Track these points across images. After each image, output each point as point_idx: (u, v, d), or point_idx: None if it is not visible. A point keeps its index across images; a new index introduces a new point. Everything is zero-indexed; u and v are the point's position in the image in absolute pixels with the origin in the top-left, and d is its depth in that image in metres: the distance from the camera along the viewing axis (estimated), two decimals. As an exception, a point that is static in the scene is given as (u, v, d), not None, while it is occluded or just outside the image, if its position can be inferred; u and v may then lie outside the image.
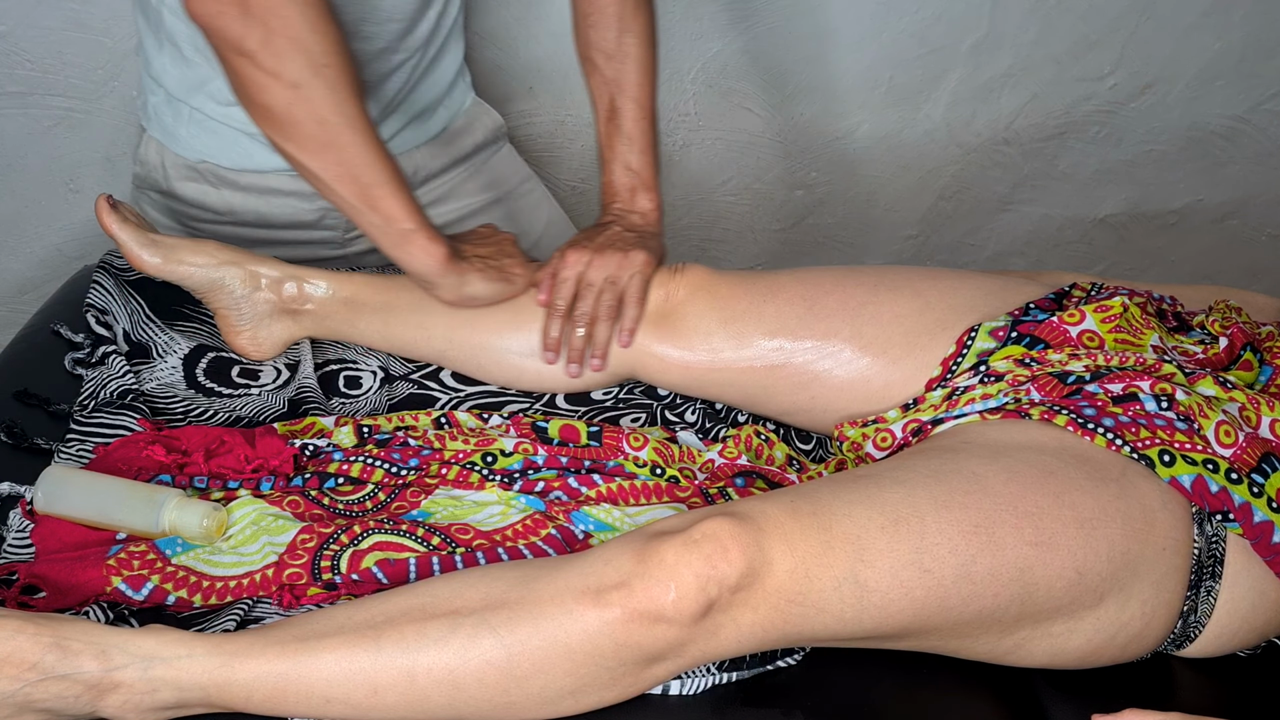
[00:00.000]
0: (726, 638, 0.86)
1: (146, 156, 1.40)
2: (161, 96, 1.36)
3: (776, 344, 1.15)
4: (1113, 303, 1.10)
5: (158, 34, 1.31)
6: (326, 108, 1.06)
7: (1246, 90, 1.90)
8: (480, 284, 1.18)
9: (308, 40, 1.03)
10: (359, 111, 1.08)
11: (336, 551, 0.98)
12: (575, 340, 1.20)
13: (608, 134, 1.31)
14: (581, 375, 1.21)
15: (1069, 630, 0.92)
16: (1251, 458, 0.96)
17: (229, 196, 1.39)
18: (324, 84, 1.05)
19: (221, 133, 1.35)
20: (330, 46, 1.04)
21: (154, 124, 1.38)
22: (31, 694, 0.82)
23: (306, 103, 1.06)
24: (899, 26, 1.75)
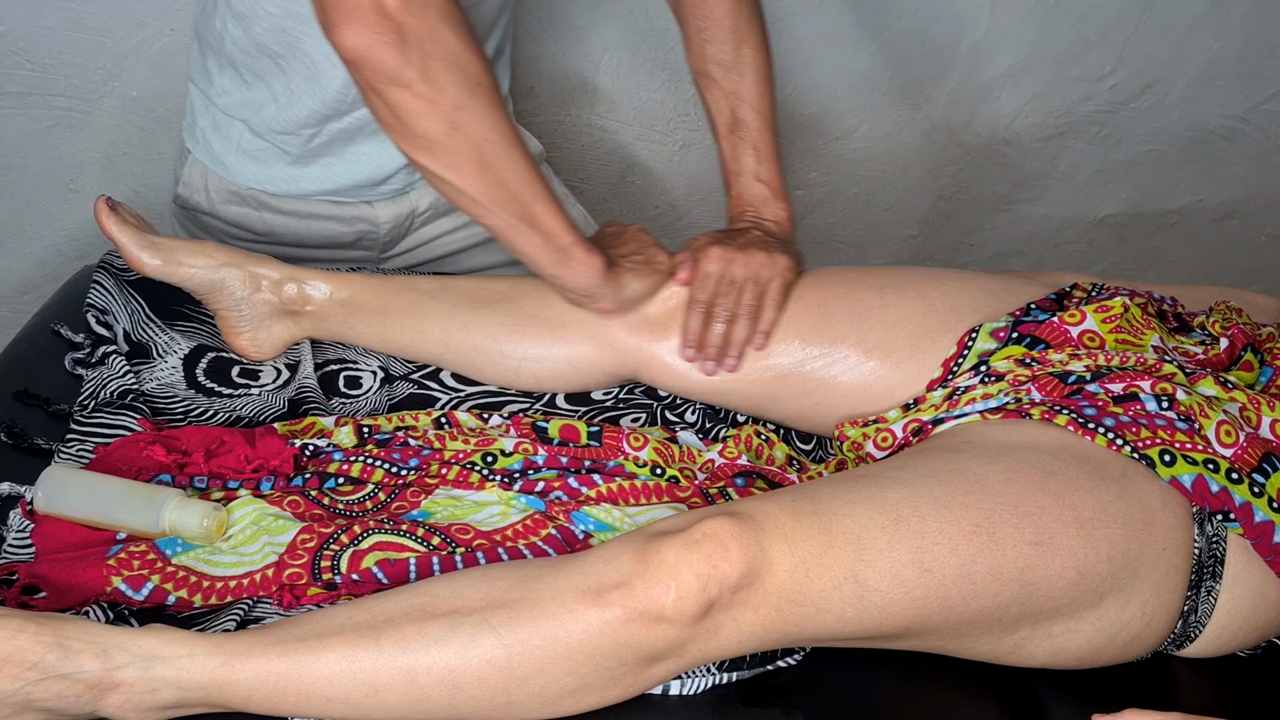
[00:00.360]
0: (727, 637, 0.86)
1: (190, 179, 1.41)
2: (210, 120, 1.37)
3: (789, 353, 1.16)
4: (1113, 303, 1.10)
5: (219, 56, 1.31)
6: (486, 127, 1.03)
7: (1246, 90, 1.90)
8: (635, 283, 1.17)
9: (463, 59, 0.99)
10: (511, 127, 1.05)
11: (336, 551, 0.98)
12: (713, 337, 1.17)
13: (732, 146, 1.29)
14: (716, 374, 1.18)
15: (1069, 630, 0.92)
16: (1252, 458, 0.96)
17: (270, 219, 1.40)
18: (481, 103, 1.01)
19: (269, 159, 1.36)
20: (482, 63, 1.01)
21: (201, 149, 1.39)
22: (32, 693, 0.82)
23: (467, 125, 1.02)
24: (899, 26, 1.75)
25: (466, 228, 1.49)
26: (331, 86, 1.30)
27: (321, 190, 1.39)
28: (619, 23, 1.65)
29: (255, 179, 1.38)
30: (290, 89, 1.31)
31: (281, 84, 1.31)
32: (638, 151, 1.83)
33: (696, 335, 1.18)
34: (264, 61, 1.29)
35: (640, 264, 1.18)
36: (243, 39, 1.28)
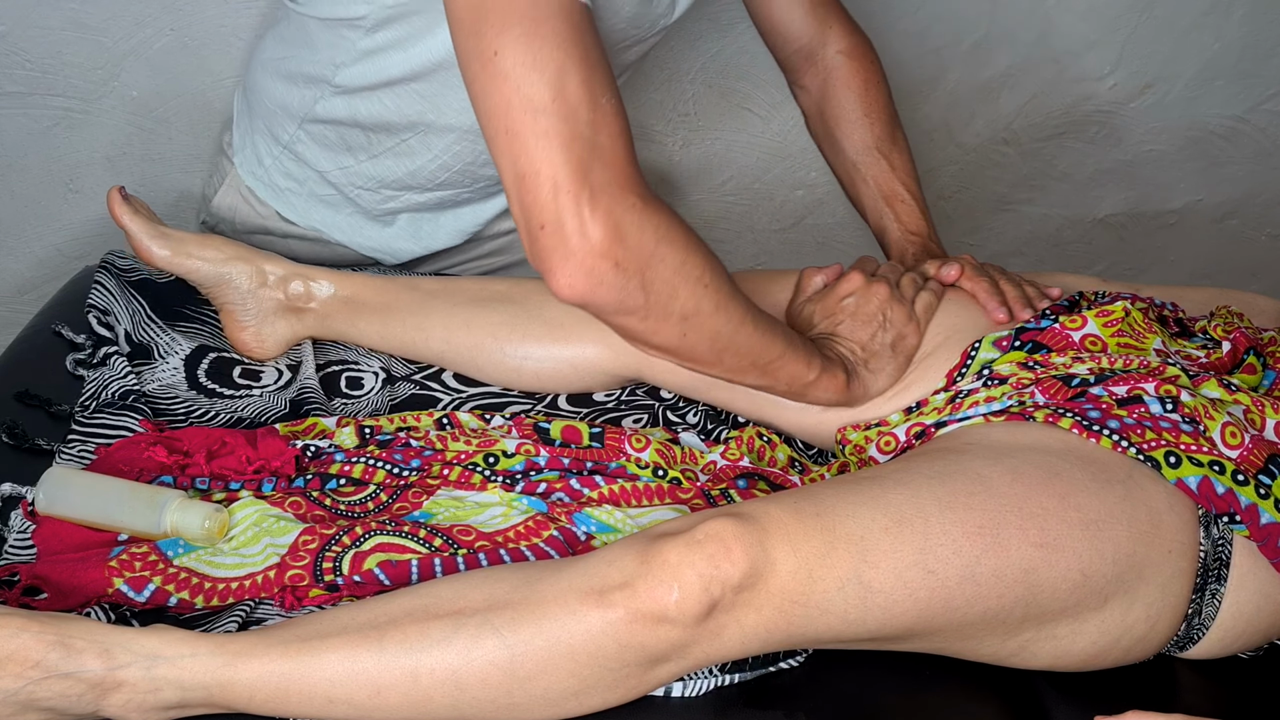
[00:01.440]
0: (730, 639, 0.86)
1: (220, 208, 1.42)
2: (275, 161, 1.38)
3: None
4: (1114, 307, 1.10)
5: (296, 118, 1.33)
6: (716, 323, 0.98)
7: (1246, 90, 1.90)
8: (880, 381, 1.12)
9: (685, 268, 0.94)
10: (738, 302, 0.99)
11: (338, 553, 0.98)
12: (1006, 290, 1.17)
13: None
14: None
15: (1073, 632, 0.92)
16: (1258, 459, 0.95)
17: (293, 245, 1.42)
18: (709, 301, 0.96)
19: (340, 205, 1.39)
20: (700, 256, 0.95)
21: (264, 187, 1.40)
22: (34, 692, 0.82)
23: (698, 330, 0.97)
24: (899, 26, 1.75)
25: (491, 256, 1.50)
26: (424, 166, 1.32)
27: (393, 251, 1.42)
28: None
29: (324, 223, 1.39)
30: (373, 155, 1.33)
31: (366, 153, 1.33)
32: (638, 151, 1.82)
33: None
34: (355, 134, 1.31)
35: (879, 354, 1.12)
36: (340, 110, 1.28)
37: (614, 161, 0.90)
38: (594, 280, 0.89)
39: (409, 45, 1.18)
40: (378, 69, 1.22)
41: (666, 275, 0.92)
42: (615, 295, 0.91)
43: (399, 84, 1.23)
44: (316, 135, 1.33)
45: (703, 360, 1.00)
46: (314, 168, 1.36)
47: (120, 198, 1.18)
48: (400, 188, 1.36)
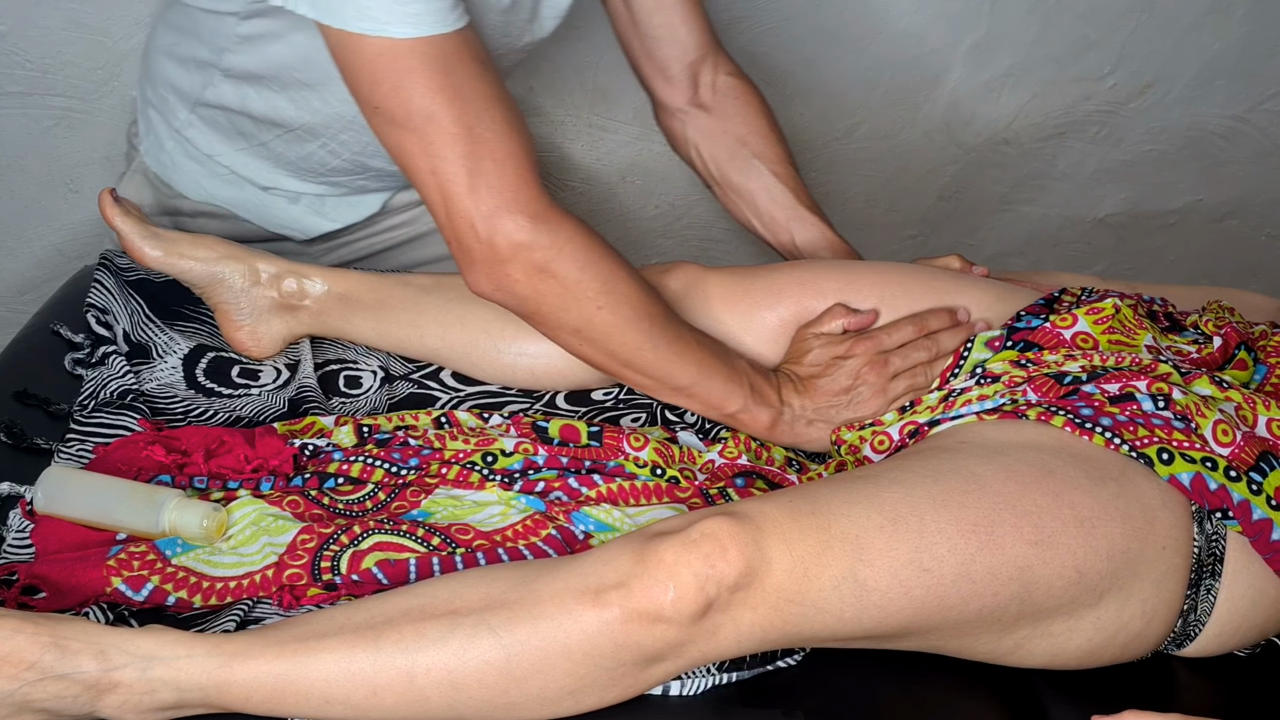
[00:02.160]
0: (726, 638, 0.86)
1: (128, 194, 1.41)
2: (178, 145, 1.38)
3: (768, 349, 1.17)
4: (1104, 305, 1.10)
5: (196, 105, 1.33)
6: (612, 344, 1.06)
7: (1246, 90, 1.90)
8: (814, 435, 1.14)
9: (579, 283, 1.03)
10: (641, 327, 1.06)
11: (336, 552, 0.98)
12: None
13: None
14: None
15: (1069, 630, 0.92)
16: (1249, 456, 0.96)
17: (204, 224, 1.41)
18: (601, 321, 1.05)
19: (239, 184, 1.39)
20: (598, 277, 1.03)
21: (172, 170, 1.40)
22: (30, 694, 0.82)
23: (593, 344, 1.07)
24: (899, 26, 1.75)
25: (399, 228, 1.50)
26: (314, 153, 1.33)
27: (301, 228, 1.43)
28: (619, 23, 1.65)
29: (230, 202, 1.40)
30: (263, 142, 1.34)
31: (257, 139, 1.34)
32: (638, 151, 1.83)
33: None
34: (245, 121, 1.32)
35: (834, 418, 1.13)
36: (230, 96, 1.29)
37: (500, 185, 1.00)
38: (494, 286, 1.04)
39: (288, 35, 1.18)
40: (261, 56, 1.22)
41: (557, 291, 1.03)
42: (514, 302, 1.04)
43: (283, 70, 1.23)
44: (209, 119, 1.33)
45: (608, 370, 1.10)
46: (206, 152, 1.36)
47: (111, 199, 1.18)
48: (294, 173, 1.36)
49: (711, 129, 1.37)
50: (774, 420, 1.12)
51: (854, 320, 1.15)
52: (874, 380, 1.13)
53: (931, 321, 1.14)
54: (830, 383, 1.13)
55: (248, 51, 1.23)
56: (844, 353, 1.13)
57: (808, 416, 1.13)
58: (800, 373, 1.14)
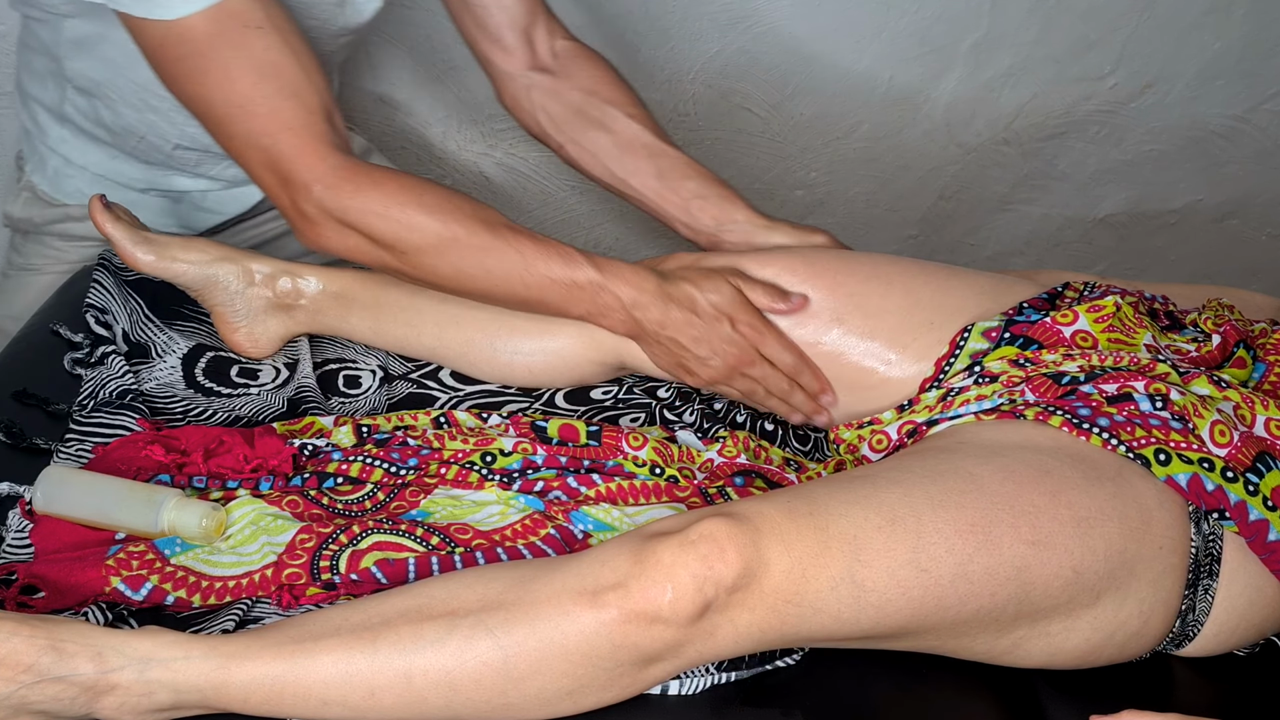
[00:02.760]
0: (724, 638, 0.86)
1: (14, 214, 1.43)
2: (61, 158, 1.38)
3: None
4: (1105, 302, 1.10)
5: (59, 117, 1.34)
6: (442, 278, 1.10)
7: (1246, 90, 1.90)
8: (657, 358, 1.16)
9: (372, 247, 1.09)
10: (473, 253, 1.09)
11: (335, 551, 0.98)
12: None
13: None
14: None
15: (1066, 629, 0.92)
16: (1246, 457, 0.96)
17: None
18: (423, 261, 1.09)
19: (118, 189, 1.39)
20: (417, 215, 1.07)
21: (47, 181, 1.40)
22: (27, 696, 0.82)
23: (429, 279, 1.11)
24: (899, 26, 1.75)
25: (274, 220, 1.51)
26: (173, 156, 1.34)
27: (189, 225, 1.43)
28: (619, 23, 1.65)
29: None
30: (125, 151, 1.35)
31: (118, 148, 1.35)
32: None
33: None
34: (101, 130, 1.33)
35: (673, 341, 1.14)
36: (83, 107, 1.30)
37: (294, 155, 1.06)
38: (317, 247, 1.11)
39: (109, 32, 1.18)
40: (96, 58, 1.23)
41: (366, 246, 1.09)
42: (345, 256, 1.11)
43: (119, 72, 1.24)
44: (76, 131, 1.34)
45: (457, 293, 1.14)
46: (80, 163, 1.36)
47: (101, 205, 1.19)
48: (169, 171, 1.37)
49: (556, 88, 1.36)
50: (623, 324, 1.13)
51: (774, 306, 1.14)
52: (729, 364, 1.13)
53: (806, 379, 1.14)
54: (703, 328, 1.13)
55: (83, 57, 1.24)
56: (741, 322, 1.13)
57: (660, 335, 1.13)
58: (693, 298, 1.13)
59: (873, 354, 1.12)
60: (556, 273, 1.10)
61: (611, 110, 1.33)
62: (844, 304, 1.13)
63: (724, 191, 1.29)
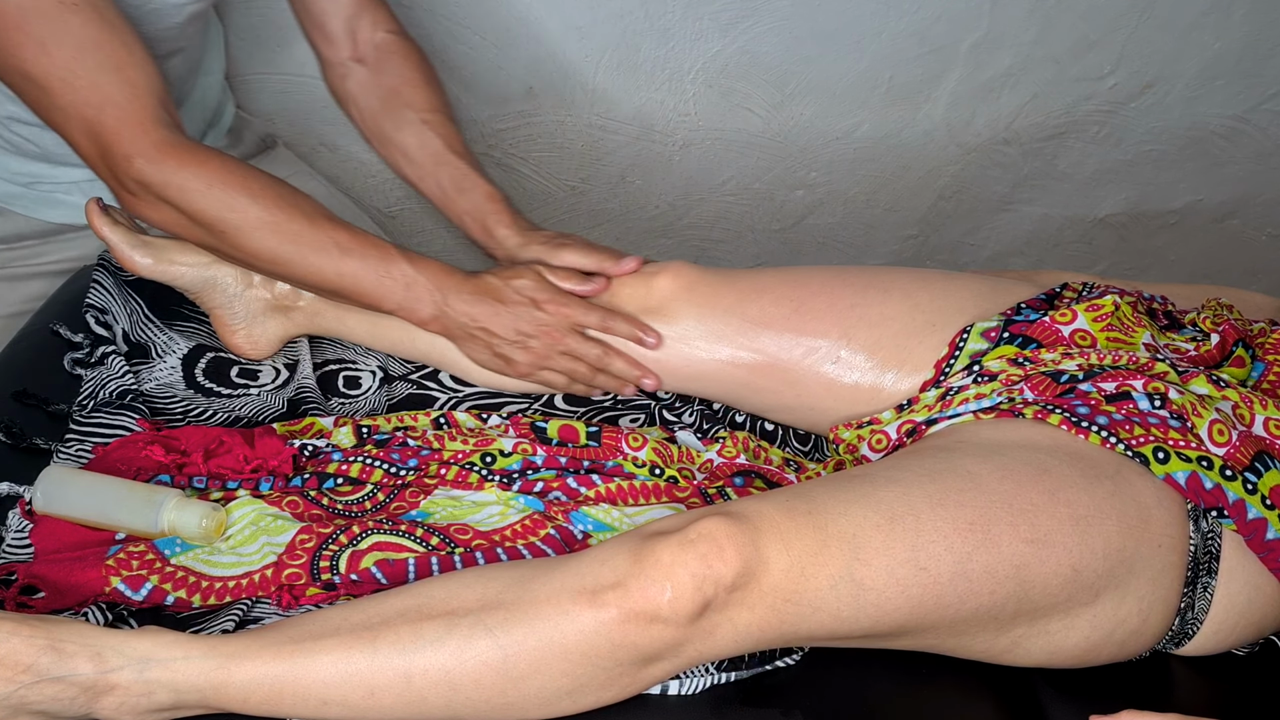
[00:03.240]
0: (723, 637, 0.86)
1: None
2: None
3: (758, 344, 1.15)
4: (1104, 301, 1.10)
5: None
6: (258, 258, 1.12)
7: (1246, 90, 1.90)
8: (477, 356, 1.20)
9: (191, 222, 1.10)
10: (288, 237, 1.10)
11: (335, 552, 0.98)
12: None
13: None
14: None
15: (1066, 628, 0.92)
16: (1245, 456, 0.96)
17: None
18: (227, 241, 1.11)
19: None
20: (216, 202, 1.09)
21: None
22: (26, 696, 0.82)
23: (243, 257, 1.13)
24: (899, 26, 1.75)
25: None
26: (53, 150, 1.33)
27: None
28: (619, 23, 1.65)
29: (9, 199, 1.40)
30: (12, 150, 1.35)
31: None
32: (638, 151, 1.82)
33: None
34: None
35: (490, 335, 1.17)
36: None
37: (114, 130, 1.07)
38: (140, 218, 1.13)
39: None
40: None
41: (184, 221, 1.10)
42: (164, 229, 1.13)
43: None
44: None
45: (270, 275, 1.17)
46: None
47: (98, 209, 1.19)
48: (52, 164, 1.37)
49: (367, 82, 1.36)
50: (434, 319, 1.16)
51: (575, 287, 1.19)
52: (545, 344, 1.17)
53: (619, 327, 1.18)
54: (512, 315, 1.16)
55: None
56: (546, 301, 1.16)
57: (471, 328, 1.16)
58: (498, 289, 1.16)
59: (876, 361, 1.12)
60: (369, 265, 1.12)
61: (408, 113, 1.33)
62: (846, 316, 1.13)
63: (494, 207, 1.29)
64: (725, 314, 1.15)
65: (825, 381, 1.14)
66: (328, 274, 1.12)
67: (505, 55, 1.67)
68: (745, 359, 1.15)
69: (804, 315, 1.14)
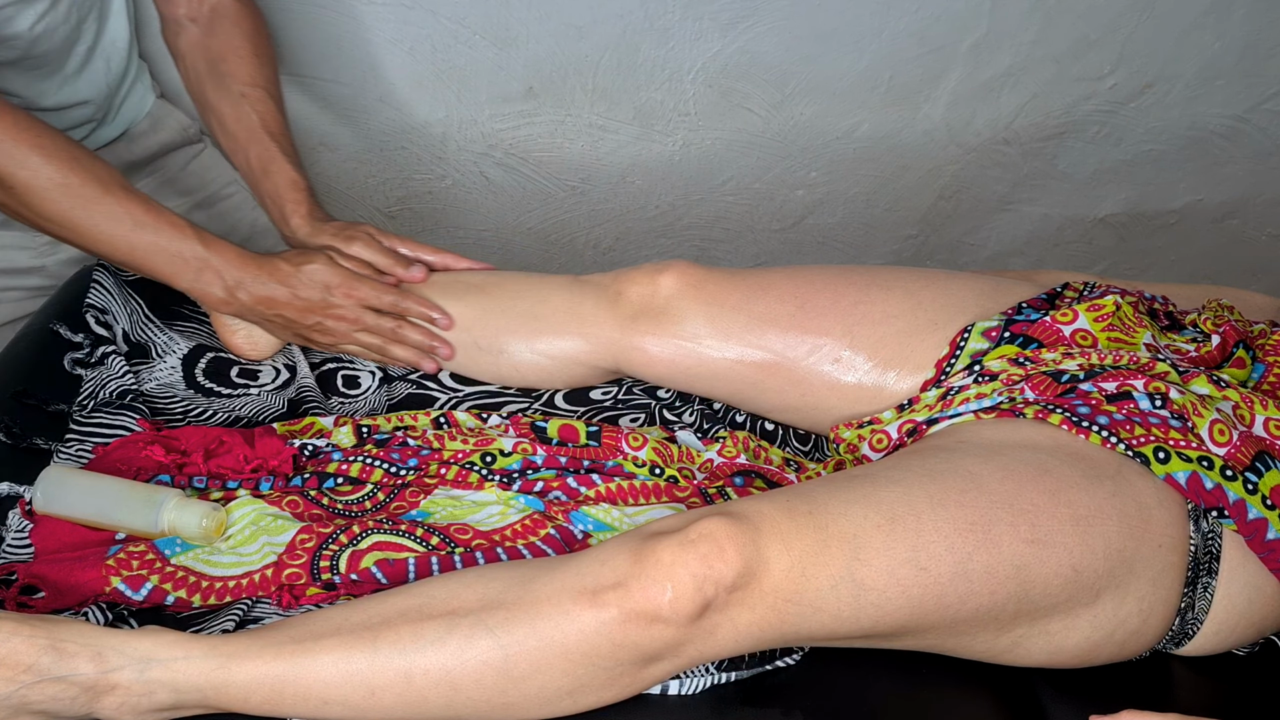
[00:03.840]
0: (724, 637, 0.86)
1: None
2: None
3: (764, 341, 1.14)
4: (1105, 301, 1.10)
5: None
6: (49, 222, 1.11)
7: (1246, 90, 1.90)
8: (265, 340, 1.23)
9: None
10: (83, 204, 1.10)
11: (335, 551, 0.98)
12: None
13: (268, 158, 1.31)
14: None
15: (1066, 628, 0.92)
16: (1246, 456, 0.96)
17: None
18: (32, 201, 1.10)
19: None
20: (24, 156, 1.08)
21: None
22: (27, 696, 0.82)
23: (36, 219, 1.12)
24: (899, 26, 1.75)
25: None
26: None
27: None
28: (619, 23, 1.65)
29: None
30: None
31: None
32: (638, 151, 1.82)
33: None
34: None
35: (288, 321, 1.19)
36: None
37: None
38: None
39: None
40: None
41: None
42: None
43: None
44: None
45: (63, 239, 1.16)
46: None
47: None
48: None
49: (197, 43, 1.34)
50: (225, 303, 1.17)
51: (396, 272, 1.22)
52: (341, 325, 1.19)
53: (411, 307, 1.20)
54: (304, 302, 1.17)
55: None
56: (337, 285, 1.17)
57: (266, 314, 1.18)
58: (289, 274, 1.17)
59: (879, 360, 1.12)
60: (163, 242, 1.12)
61: (229, 82, 1.32)
62: (850, 313, 1.13)
63: (293, 195, 1.27)
64: (733, 311, 1.15)
65: (829, 380, 1.13)
66: (119, 245, 1.12)
67: (505, 55, 1.67)
68: (753, 358, 1.15)
69: (808, 313, 1.14)
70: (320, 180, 1.80)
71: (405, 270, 1.22)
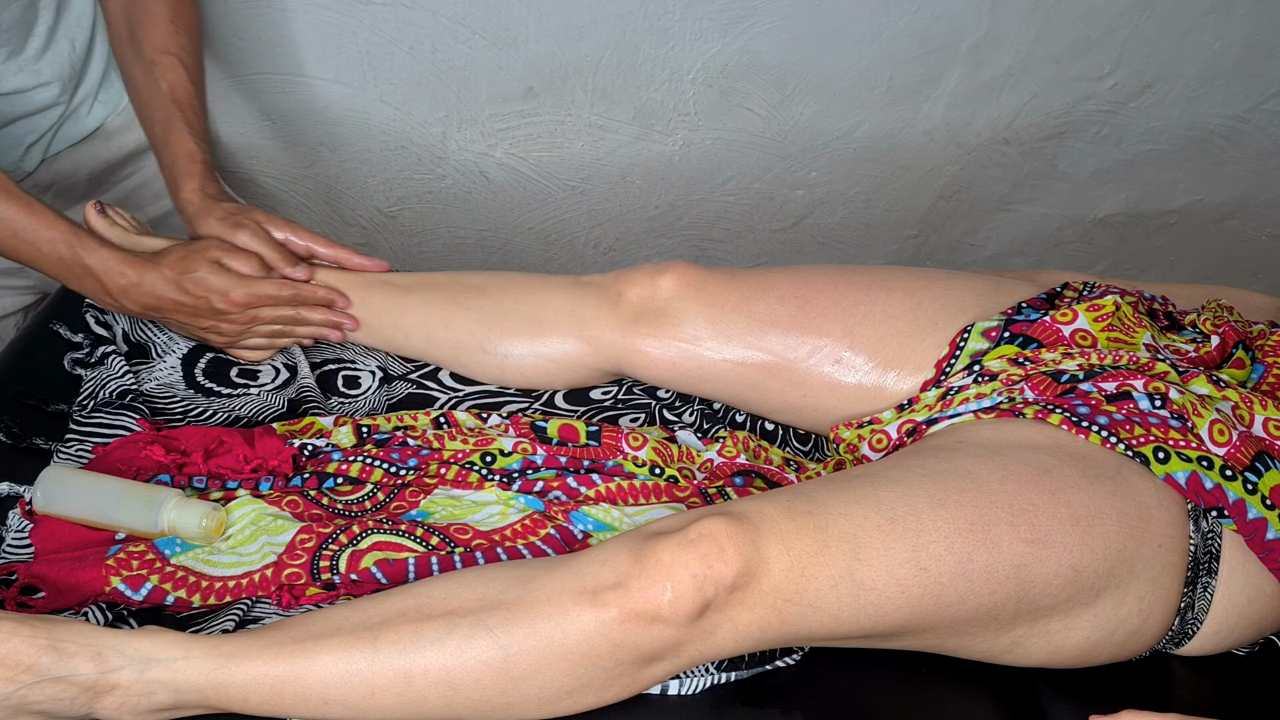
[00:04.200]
0: (724, 637, 0.86)
1: None
2: None
3: (765, 343, 1.14)
4: (1104, 301, 1.10)
5: None
6: None
7: (1246, 90, 1.90)
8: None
9: None
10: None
11: (335, 551, 0.98)
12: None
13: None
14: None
15: (1066, 628, 0.92)
16: (1245, 456, 0.96)
17: None
18: None
19: None
20: None
21: None
22: (27, 696, 0.82)
23: None
24: (899, 26, 1.75)
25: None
26: None
27: None
28: (619, 23, 1.65)
29: None
30: None
31: None
32: (638, 151, 1.82)
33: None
34: None
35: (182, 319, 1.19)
36: None
37: None
38: None
39: None
40: None
41: None
42: None
43: None
44: None
45: None
46: None
47: (96, 213, 1.19)
48: None
49: (119, 7, 1.33)
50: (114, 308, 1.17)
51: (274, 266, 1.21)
52: (237, 328, 1.20)
53: (310, 294, 1.21)
54: (194, 307, 1.17)
55: None
56: (224, 293, 1.16)
57: (158, 318, 1.19)
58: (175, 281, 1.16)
59: (879, 360, 1.12)
60: (43, 248, 1.12)
61: (143, 47, 1.30)
62: (850, 314, 1.13)
63: (189, 167, 1.25)
64: (733, 312, 1.15)
65: (829, 381, 1.13)
66: (4, 252, 1.13)
67: (505, 55, 1.67)
68: (754, 359, 1.15)
69: (809, 313, 1.13)
70: (320, 180, 1.80)
71: (291, 269, 1.21)
